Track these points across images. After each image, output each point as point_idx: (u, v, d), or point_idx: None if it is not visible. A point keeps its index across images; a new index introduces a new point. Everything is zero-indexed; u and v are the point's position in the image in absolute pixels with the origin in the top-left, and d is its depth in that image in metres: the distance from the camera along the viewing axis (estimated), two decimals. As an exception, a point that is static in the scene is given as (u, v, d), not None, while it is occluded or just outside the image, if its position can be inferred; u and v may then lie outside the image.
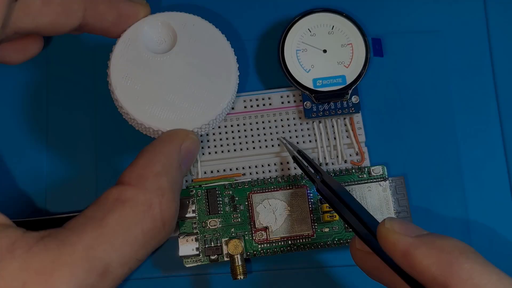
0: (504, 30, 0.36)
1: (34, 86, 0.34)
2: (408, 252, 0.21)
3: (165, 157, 0.25)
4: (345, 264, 0.32)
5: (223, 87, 0.28)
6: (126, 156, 0.33)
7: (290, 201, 0.31)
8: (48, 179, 0.33)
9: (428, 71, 0.35)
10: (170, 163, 0.25)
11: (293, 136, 0.33)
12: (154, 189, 0.24)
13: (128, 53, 0.28)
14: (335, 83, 0.32)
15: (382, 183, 0.32)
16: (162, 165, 0.24)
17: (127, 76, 0.28)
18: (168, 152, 0.25)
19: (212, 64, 0.29)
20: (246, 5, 0.36)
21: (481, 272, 0.19)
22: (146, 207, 0.23)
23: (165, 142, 0.26)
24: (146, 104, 0.28)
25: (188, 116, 0.28)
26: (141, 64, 0.28)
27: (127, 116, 0.28)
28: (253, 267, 0.32)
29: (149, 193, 0.23)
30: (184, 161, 0.26)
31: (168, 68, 0.28)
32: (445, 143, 0.34)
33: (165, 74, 0.28)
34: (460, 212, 0.33)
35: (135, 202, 0.23)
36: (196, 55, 0.29)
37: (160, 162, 0.25)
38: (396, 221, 0.22)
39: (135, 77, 0.28)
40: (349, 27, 0.33)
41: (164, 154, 0.25)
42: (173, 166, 0.25)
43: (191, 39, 0.29)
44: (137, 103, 0.28)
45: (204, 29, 0.29)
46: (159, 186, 0.24)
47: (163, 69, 0.28)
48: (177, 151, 0.26)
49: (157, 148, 0.25)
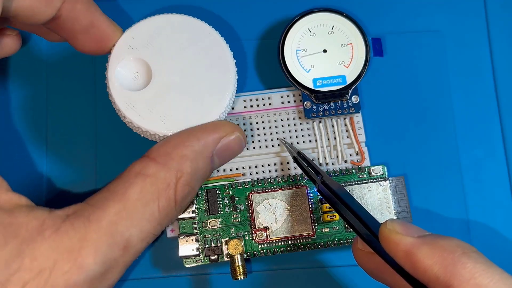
0: (504, 30, 0.36)
1: (34, 87, 0.34)
2: (411, 252, 0.21)
3: (198, 143, 0.25)
4: (345, 264, 0.32)
5: (222, 88, 0.28)
6: (126, 156, 0.33)
7: (290, 201, 0.31)
8: (48, 180, 0.33)
9: (428, 71, 0.35)
10: (201, 150, 0.25)
11: (293, 136, 0.33)
12: (175, 169, 0.24)
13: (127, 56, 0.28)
14: (335, 83, 0.32)
15: (382, 183, 0.32)
16: (192, 150, 0.25)
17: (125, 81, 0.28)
18: (204, 140, 0.26)
19: (209, 65, 0.28)
20: (246, 5, 0.35)
21: (484, 271, 0.19)
22: (165, 185, 0.24)
23: (206, 130, 0.26)
24: (144, 107, 0.27)
25: (187, 118, 0.27)
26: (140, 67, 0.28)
27: (125, 119, 0.28)
28: (253, 267, 0.32)
29: (170, 173, 0.24)
30: (220, 154, 0.27)
31: (166, 71, 0.28)
32: (445, 143, 0.34)
33: (163, 77, 0.28)
34: (460, 212, 0.33)
35: (156, 179, 0.24)
36: (192, 58, 0.28)
37: (191, 147, 0.25)
38: (398, 222, 0.22)
39: (134, 81, 0.28)
40: (349, 27, 0.33)
41: (199, 140, 0.26)
42: (203, 155, 0.26)
43: (187, 42, 0.28)
44: (135, 106, 0.27)
45: (200, 30, 0.29)
46: (180, 168, 0.24)
47: (161, 72, 0.28)
48: (214, 141, 0.26)
49: (195, 133, 0.26)
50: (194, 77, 0.28)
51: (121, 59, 0.28)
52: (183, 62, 0.28)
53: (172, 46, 0.28)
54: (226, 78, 0.28)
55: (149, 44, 0.28)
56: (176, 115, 0.27)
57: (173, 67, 0.28)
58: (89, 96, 0.34)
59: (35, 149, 0.33)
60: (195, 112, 0.27)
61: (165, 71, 0.28)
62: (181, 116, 0.27)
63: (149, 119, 0.27)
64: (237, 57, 0.29)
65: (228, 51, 0.29)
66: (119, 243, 0.22)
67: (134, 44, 0.28)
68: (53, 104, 0.34)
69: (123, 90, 0.27)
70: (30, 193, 0.32)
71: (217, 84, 0.28)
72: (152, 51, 0.28)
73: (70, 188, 0.33)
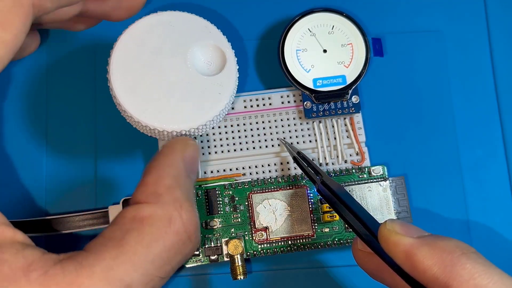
0: (504, 30, 0.36)
1: (34, 86, 0.34)
2: (410, 253, 0.21)
3: (172, 169, 0.24)
4: (345, 264, 0.32)
5: (222, 86, 0.28)
6: (126, 156, 0.33)
7: (290, 201, 0.31)
8: (48, 180, 0.33)
9: (428, 71, 0.35)
10: (178, 174, 0.24)
11: (293, 136, 0.33)
12: (171, 202, 0.23)
13: (128, 52, 0.28)
14: (335, 83, 0.32)
15: (382, 183, 0.32)
16: (172, 178, 0.24)
17: (127, 74, 0.28)
18: (174, 163, 0.25)
19: (211, 63, 0.29)
20: (246, 5, 0.35)
21: (483, 272, 0.19)
22: (166, 222, 0.22)
23: (168, 154, 0.25)
24: (143, 102, 0.27)
25: (185, 116, 0.28)
26: (141, 63, 0.28)
27: (125, 114, 0.28)
28: (253, 267, 0.32)
29: (167, 207, 0.22)
30: (190, 169, 0.26)
31: (167, 68, 0.28)
32: (445, 143, 0.34)
33: (163, 74, 0.28)
34: (460, 212, 0.33)
35: (153, 219, 0.22)
36: (194, 55, 0.28)
37: (169, 175, 0.24)
38: (397, 222, 0.22)
39: (134, 76, 0.28)
40: (349, 27, 0.33)
41: (171, 166, 0.24)
42: (182, 176, 0.24)
43: (189, 39, 0.29)
44: (135, 101, 0.27)
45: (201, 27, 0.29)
46: (175, 198, 0.23)
47: (162, 69, 0.28)
48: (181, 160, 0.25)
49: (162, 162, 0.25)
50: (195, 74, 0.28)
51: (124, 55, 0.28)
52: (184, 58, 0.28)
53: (173, 43, 0.28)
54: (227, 75, 0.28)
55: (151, 40, 0.28)
56: (177, 111, 0.27)
57: (174, 63, 0.28)
58: (89, 93, 0.34)
59: (35, 148, 0.33)
60: (195, 108, 0.28)
61: (166, 67, 0.28)
62: (181, 112, 0.28)
63: (149, 114, 0.27)
64: (238, 57, 0.30)
65: (229, 48, 0.29)
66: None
67: (137, 40, 0.28)
68: (53, 102, 0.34)
69: (125, 85, 0.28)
70: (30, 191, 0.33)
71: (218, 81, 0.28)
72: (154, 47, 0.28)
73: (70, 186, 0.33)
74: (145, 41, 0.28)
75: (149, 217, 0.22)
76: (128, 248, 0.21)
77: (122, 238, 0.21)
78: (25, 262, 0.20)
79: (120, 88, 0.27)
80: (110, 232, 0.22)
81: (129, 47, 0.28)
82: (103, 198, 0.32)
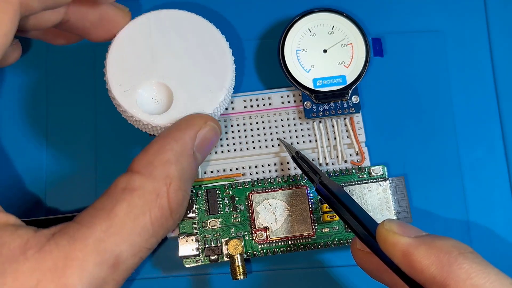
0: (504, 30, 0.36)
1: (34, 86, 0.34)
2: (408, 252, 0.21)
3: (177, 144, 0.25)
4: (345, 264, 0.32)
5: (219, 81, 0.28)
6: (126, 155, 0.33)
7: (290, 201, 0.31)
8: (48, 178, 0.33)
9: (428, 71, 0.35)
10: (182, 150, 0.25)
11: (293, 136, 0.33)
12: (162, 177, 0.24)
13: (124, 53, 0.28)
14: (335, 83, 0.32)
15: (382, 183, 0.32)
16: (174, 153, 0.25)
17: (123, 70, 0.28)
18: (182, 139, 0.25)
19: (206, 59, 0.29)
20: (246, 5, 0.36)
21: (480, 272, 0.19)
22: (154, 196, 0.23)
23: (180, 128, 0.26)
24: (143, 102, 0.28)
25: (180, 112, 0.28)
26: (137, 59, 0.28)
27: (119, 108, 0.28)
28: (253, 267, 0.32)
29: (157, 182, 0.23)
30: (199, 149, 0.26)
31: (163, 65, 0.28)
32: (445, 143, 0.34)
33: (159, 70, 0.28)
34: (460, 212, 0.33)
35: (143, 191, 0.23)
36: (189, 52, 0.29)
37: (171, 150, 0.25)
38: (395, 222, 0.22)
39: (131, 74, 0.28)
40: (349, 27, 0.33)
41: (177, 141, 0.25)
42: (185, 154, 0.25)
43: (183, 36, 0.29)
44: (132, 98, 0.28)
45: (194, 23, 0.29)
46: (167, 174, 0.24)
47: (158, 66, 0.28)
48: (192, 138, 0.26)
49: (171, 134, 0.25)
50: (192, 70, 0.28)
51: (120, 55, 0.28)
52: (182, 56, 0.28)
53: (171, 41, 0.29)
54: (223, 72, 0.29)
55: (148, 37, 0.28)
56: (173, 107, 0.28)
57: (171, 61, 0.28)
58: (89, 93, 0.34)
59: (35, 147, 0.33)
60: (192, 105, 0.28)
61: (164, 65, 0.28)
62: (178, 109, 0.28)
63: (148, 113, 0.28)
64: (237, 57, 0.30)
65: (226, 46, 0.29)
66: (107, 260, 0.21)
67: (134, 38, 0.28)
68: (53, 102, 0.34)
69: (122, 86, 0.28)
70: (30, 190, 0.33)
71: (214, 78, 0.28)
72: (151, 44, 0.28)
73: (70, 183, 0.33)
74: (143, 37, 0.28)
75: (139, 188, 0.23)
76: (117, 220, 0.22)
77: (112, 210, 0.22)
78: (21, 241, 0.21)
79: (118, 88, 0.28)
80: (101, 203, 0.23)
81: (126, 43, 0.28)
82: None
